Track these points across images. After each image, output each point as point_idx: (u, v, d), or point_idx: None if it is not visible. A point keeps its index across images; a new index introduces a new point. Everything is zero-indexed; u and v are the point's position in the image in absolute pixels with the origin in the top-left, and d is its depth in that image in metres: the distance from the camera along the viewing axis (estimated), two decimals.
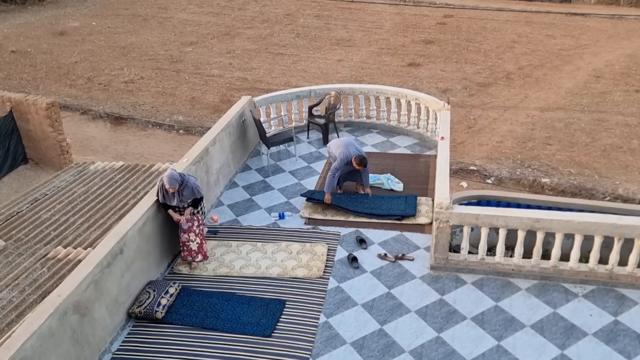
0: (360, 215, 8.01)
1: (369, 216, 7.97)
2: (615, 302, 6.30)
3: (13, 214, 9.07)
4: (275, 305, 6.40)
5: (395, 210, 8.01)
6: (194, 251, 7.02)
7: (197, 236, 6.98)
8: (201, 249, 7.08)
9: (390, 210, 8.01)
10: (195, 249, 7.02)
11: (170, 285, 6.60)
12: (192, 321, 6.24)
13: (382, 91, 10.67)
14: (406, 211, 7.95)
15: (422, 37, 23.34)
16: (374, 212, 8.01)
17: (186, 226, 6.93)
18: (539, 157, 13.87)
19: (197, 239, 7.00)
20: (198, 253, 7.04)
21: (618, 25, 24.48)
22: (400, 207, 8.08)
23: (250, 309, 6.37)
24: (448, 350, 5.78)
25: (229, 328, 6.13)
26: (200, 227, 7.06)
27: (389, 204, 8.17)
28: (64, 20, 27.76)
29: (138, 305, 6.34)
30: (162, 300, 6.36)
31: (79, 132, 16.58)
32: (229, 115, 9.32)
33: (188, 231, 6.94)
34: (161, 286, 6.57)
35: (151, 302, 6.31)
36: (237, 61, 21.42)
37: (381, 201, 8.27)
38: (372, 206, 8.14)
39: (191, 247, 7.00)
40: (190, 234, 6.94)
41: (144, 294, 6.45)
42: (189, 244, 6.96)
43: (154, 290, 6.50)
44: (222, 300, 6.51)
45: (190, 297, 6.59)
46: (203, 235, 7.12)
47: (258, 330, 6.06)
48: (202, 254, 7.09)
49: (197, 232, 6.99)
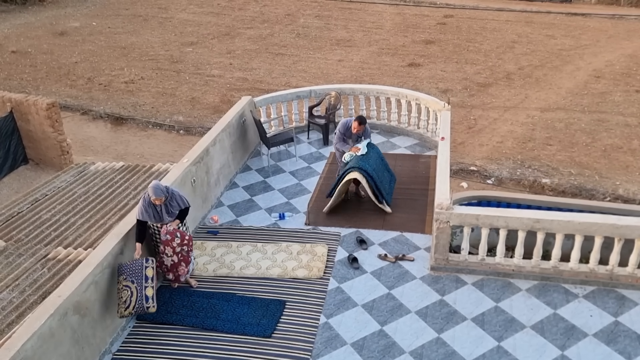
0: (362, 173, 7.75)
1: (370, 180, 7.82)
2: (616, 303, 6.30)
3: (13, 214, 9.08)
4: (275, 306, 6.40)
5: (382, 189, 7.99)
6: (165, 266, 6.49)
7: (174, 254, 6.43)
8: (174, 270, 6.50)
9: (380, 185, 7.93)
10: (167, 264, 6.48)
11: (145, 266, 6.05)
12: (192, 322, 6.24)
13: (382, 91, 10.67)
14: (387, 197, 8.07)
15: (423, 37, 23.34)
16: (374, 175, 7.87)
17: (164, 237, 6.37)
18: (539, 157, 13.87)
19: (174, 257, 6.44)
20: (169, 272, 6.52)
21: (618, 25, 24.47)
22: (385, 187, 8.14)
23: (250, 309, 6.37)
24: (448, 350, 5.78)
25: (229, 328, 6.12)
26: (183, 248, 6.48)
27: (381, 175, 8.11)
28: (65, 20, 27.77)
29: (125, 306, 5.93)
30: (147, 291, 5.96)
31: (79, 132, 16.58)
32: (229, 116, 9.32)
33: (165, 243, 6.39)
34: (136, 272, 6.00)
35: (137, 299, 5.90)
36: (237, 61, 21.42)
37: (379, 165, 8.15)
38: (374, 167, 7.95)
39: (163, 261, 6.46)
40: (167, 248, 6.39)
41: (124, 291, 5.94)
42: (162, 256, 6.45)
43: (132, 281, 5.95)
44: (223, 300, 6.51)
45: (190, 297, 6.59)
46: (186, 258, 6.54)
47: (258, 331, 6.06)
48: (174, 274, 6.51)
49: (176, 249, 6.41)
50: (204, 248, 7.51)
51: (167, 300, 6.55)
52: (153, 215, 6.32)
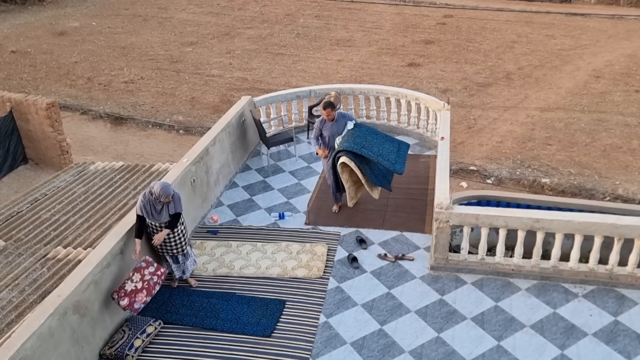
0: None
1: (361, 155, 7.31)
2: (615, 302, 6.30)
3: (13, 214, 9.07)
4: (275, 306, 6.40)
5: (385, 160, 7.35)
6: (124, 290, 5.85)
7: (141, 281, 5.98)
8: (133, 295, 5.87)
9: (381, 158, 7.33)
10: (127, 289, 5.87)
11: (149, 323, 6.10)
12: (192, 321, 6.24)
13: (382, 91, 10.67)
14: (395, 166, 7.39)
15: (422, 37, 23.34)
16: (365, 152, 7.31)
17: (138, 264, 6.06)
18: (539, 157, 13.87)
19: (139, 284, 5.95)
20: (125, 296, 5.84)
21: (618, 25, 24.48)
22: (391, 157, 7.47)
23: (250, 309, 6.37)
24: (448, 350, 5.78)
25: (229, 328, 6.12)
26: (153, 278, 6.06)
27: (380, 148, 7.47)
28: (64, 20, 27.76)
29: (110, 345, 5.84)
30: (135, 341, 5.84)
31: (79, 132, 16.58)
32: (229, 116, 9.32)
33: (136, 269, 6.01)
34: (139, 324, 6.06)
35: (123, 344, 5.81)
36: (237, 61, 21.42)
37: (374, 139, 7.53)
38: (364, 143, 7.38)
39: (125, 286, 5.89)
40: (136, 274, 5.98)
41: (118, 333, 5.97)
42: (126, 282, 5.91)
43: (130, 328, 5.99)
44: (222, 300, 6.51)
45: (190, 297, 6.59)
46: (150, 290, 6.03)
47: (258, 331, 6.06)
48: (130, 300, 5.86)
49: (145, 276, 6.00)
50: (204, 248, 7.51)
51: (166, 299, 6.55)
52: (151, 212, 6.28)
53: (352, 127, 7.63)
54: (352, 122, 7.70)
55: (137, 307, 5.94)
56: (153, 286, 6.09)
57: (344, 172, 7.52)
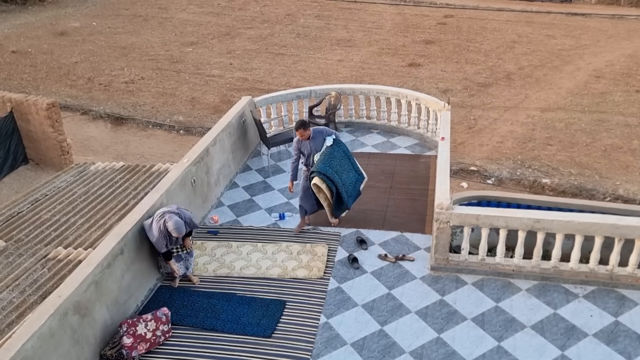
0: None
1: None
2: (616, 303, 6.30)
3: (13, 214, 9.07)
4: (275, 306, 6.40)
5: (344, 192, 7.40)
6: (134, 329, 5.77)
7: (152, 333, 5.90)
8: (137, 341, 5.76)
9: (343, 188, 7.36)
10: (137, 330, 5.80)
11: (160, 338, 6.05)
12: (192, 322, 6.24)
13: (382, 91, 10.67)
14: (348, 201, 7.49)
15: (423, 37, 23.34)
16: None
17: (160, 314, 6.01)
18: (539, 157, 13.87)
19: (149, 334, 5.86)
20: (132, 336, 5.75)
21: (618, 25, 24.47)
22: (348, 189, 7.49)
23: (250, 309, 6.37)
24: (448, 351, 5.78)
25: (229, 329, 6.13)
26: (161, 339, 5.96)
27: (346, 176, 7.45)
28: (65, 20, 27.77)
29: (111, 346, 5.84)
30: (139, 346, 5.83)
31: (79, 132, 16.59)
32: (229, 116, 9.33)
33: (154, 318, 5.97)
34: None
35: (121, 350, 5.77)
36: (237, 61, 21.43)
37: (344, 165, 7.44)
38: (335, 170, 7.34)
39: (137, 326, 5.82)
40: (152, 322, 5.91)
41: (118, 333, 5.89)
42: (140, 321, 5.85)
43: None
44: (223, 300, 6.51)
45: (190, 297, 6.59)
46: (152, 345, 5.89)
47: (258, 331, 6.06)
48: (132, 344, 5.75)
49: (156, 333, 5.93)
50: (204, 248, 7.51)
51: (167, 300, 6.55)
52: (169, 241, 6.47)
53: (331, 143, 7.41)
54: (332, 138, 7.47)
55: (134, 355, 5.75)
56: (155, 343, 5.95)
57: (319, 192, 7.42)
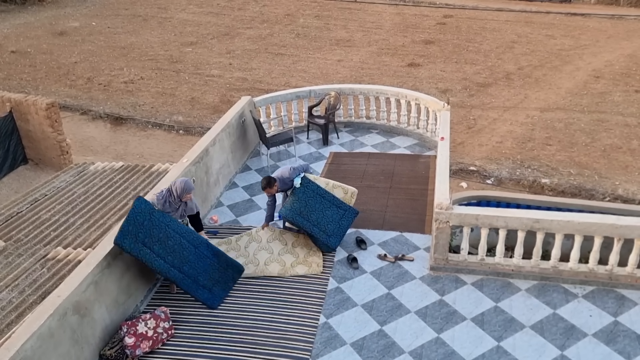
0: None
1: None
2: (615, 303, 6.30)
3: (13, 214, 9.08)
4: (233, 271, 6.66)
5: (321, 231, 7.18)
6: (134, 329, 5.82)
7: (153, 331, 5.93)
8: (139, 340, 5.80)
9: (316, 228, 7.14)
10: (138, 329, 5.84)
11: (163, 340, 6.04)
12: (159, 265, 6.16)
13: (382, 91, 10.68)
14: (329, 240, 7.20)
15: (422, 37, 23.35)
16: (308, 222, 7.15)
17: (159, 312, 6.07)
18: (538, 157, 13.88)
19: (150, 332, 5.90)
20: (134, 336, 5.80)
21: (618, 25, 24.49)
22: (329, 227, 7.24)
23: (211, 265, 6.52)
24: (448, 350, 5.78)
25: (185, 286, 6.33)
26: (163, 335, 5.96)
27: (320, 215, 7.22)
28: (64, 20, 27.77)
29: (110, 346, 5.84)
30: (142, 344, 5.85)
31: (78, 132, 16.59)
32: (229, 116, 9.33)
33: (153, 316, 6.00)
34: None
35: (121, 349, 5.81)
36: (237, 61, 21.43)
37: (316, 204, 7.23)
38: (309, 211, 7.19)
39: (137, 325, 5.86)
40: (151, 320, 5.95)
41: (118, 333, 5.92)
42: (140, 321, 5.91)
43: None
44: (192, 245, 6.45)
45: (167, 229, 6.28)
46: (155, 343, 5.90)
47: (208, 299, 6.32)
48: (135, 343, 5.78)
49: (157, 330, 5.94)
50: None
51: (146, 223, 6.18)
52: (169, 211, 6.47)
53: (298, 185, 7.25)
54: (299, 180, 7.28)
55: (138, 354, 5.77)
56: (158, 341, 5.94)
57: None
